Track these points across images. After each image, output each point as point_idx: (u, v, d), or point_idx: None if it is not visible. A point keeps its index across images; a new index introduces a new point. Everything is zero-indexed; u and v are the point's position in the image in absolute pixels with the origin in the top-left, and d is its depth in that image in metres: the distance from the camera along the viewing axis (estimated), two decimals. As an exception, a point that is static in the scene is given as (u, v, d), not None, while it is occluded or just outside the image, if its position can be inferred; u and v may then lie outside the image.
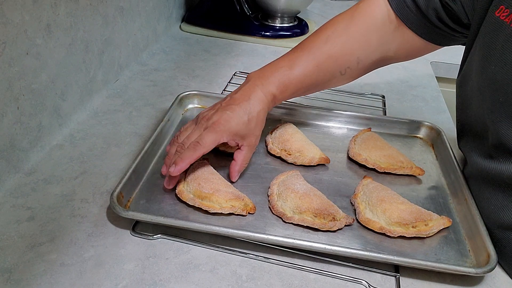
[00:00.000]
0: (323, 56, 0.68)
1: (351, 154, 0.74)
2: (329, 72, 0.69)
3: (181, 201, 0.62)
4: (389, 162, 0.71)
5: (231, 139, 0.64)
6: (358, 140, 0.76)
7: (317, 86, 0.72)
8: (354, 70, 0.70)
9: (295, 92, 0.70)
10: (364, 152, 0.73)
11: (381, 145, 0.74)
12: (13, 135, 0.64)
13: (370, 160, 0.72)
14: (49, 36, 0.69)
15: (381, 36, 0.68)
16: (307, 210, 0.60)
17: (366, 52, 0.69)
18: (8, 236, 0.57)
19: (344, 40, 0.68)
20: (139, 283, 0.52)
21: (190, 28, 1.23)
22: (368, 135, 0.77)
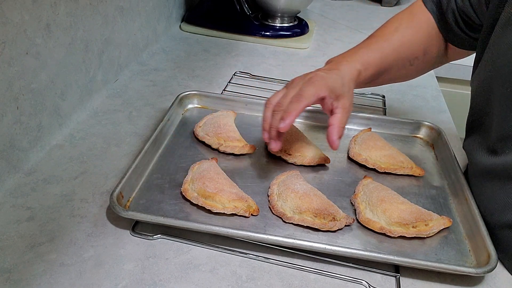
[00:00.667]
0: (395, 43, 0.71)
1: (351, 154, 0.74)
2: (401, 58, 0.72)
3: (185, 199, 0.62)
4: (389, 162, 0.71)
5: (328, 95, 0.61)
6: (358, 140, 0.76)
7: (391, 73, 0.73)
8: (421, 61, 0.73)
9: (375, 73, 0.70)
10: (364, 152, 0.73)
11: (381, 145, 0.74)
12: (13, 135, 0.64)
13: (370, 160, 0.72)
14: (48, 35, 0.69)
15: (437, 32, 0.72)
16: (307, 210, 0.60)
17: (430, 44, 0.72)
18: (8, 236, 0.56)
19: (411, 31, 0.71)
20: (139, 283, 0.52)
21: (190, 28, 1.23)
22: (369, 135, 0.77)
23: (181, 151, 0.73)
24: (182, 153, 0.73)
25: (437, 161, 0.76)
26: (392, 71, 0.73)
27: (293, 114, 0.59)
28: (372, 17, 1.47)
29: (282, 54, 1.14)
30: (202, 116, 0.80)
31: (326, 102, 0.63)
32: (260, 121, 0.83)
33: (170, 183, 0.66)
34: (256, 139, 0.77)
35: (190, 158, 0.71)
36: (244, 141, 0.73)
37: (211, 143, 0.74)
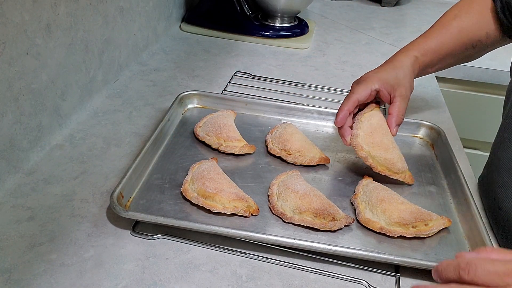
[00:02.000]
0: (455, 29, 0.74)
1: (353, 143, 0.68)
2: (462, 43, 0.74)
3: (185, 199, 0.62)
4: (387, 167, 0.68)
5: (382, 86, 0.69)
6: (364, 125, 0.69)
7: (453, 57, 0.76)
8: (484, 44, 0.75)
9: (434, 59, 0.74)
10: (367, 146, 0.67)
11: (387, 144, 0.68)
12: (13, 135, 0.64)
13: (369, 158, 0.67)
14: (49, 36, 0.69)
15: (497, 20, 0.73)
16: (307, 210, 0.60)
17: (492, 28, 0.73)
18: (8, 236, 0.57)
19: (471, 16, 0.74)
20: (139, 283, 0.52)
21: (190, 28, 1.23)
22: (377, 121, 0.69)
23: (181, 151, 0.73)
24: (182, 153, 0.73)
25: (437, 161, 0.76)
26: (455, 55, 0.76)
27: (342, 109, 0.68)
28: (372, 17, 1.47)
29: (282, 54, 1.14)
30: (202, 116, 0.80)
31: (382, 94, 0.70)
32: (260, 121, 0.83)
33: (170, 183, 0.66)
34: (256, 139, 0.77)
35: (190, 158, 0.71)
36: (244, 141, 0.73)
37: (211, 143, 0.74)
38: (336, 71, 1.08)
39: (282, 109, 0.84)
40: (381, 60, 0.78)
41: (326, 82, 1.01)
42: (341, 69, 1.09)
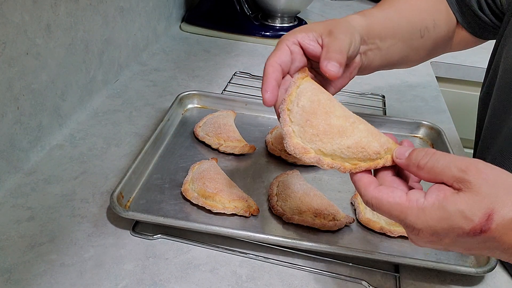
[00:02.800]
0: (399, 6, 0.63)
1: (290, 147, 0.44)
2: (408, 23, 0.62)
3: (186, 199, 0.62)
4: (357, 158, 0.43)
5: (304, 37, 0.48)
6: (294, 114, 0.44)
7: (401, 39, 0.61)
8: (431, 34, 0.64)
9: (381, 30, 0.58)
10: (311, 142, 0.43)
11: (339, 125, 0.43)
12: (13, 135, 0.64)
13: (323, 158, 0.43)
14: (49, 36, 0.69)
15: (445, 10, 0.66)
16: (307, 210, 0.60)
17: (439, 18, 0.65)
18: (8, 236, 0.57)
19: (415, 0, 0.65)
20: (139, 283, 0.52)
21: (190, 28, 1.23)
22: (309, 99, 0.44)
23: (181, 151, 0.73)
24: (182, 153, 0.73)
25: (437, 161, 0.76)
26: (402, 36, 0.61)
27: (266, 81, 0.45)
28: (372, 17, 1.47)
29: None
30: (202, 116, 0.80)
31: (307, 46, 0.48)
32: (260, 121, 0.83)
33: (170, 183, 0.66)
34: (256, 139, 0.77)
35: (190, 158, 0.71)
36: (244, 141, 0.73)
37: (211, 143, 0.74)
38: (336, 71, 1.07)
39: (282, 109, 0.84)
40: (381, 60, 0.78)
41: (326, 82, 1.01)
42: (341, 69, 1.09)
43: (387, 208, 0.38)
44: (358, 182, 0.41)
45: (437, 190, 0.36)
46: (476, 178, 0.35)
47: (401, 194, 0.37)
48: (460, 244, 0.37)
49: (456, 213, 0.35)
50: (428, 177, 0.38)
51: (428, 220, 0.36)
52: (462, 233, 0.35)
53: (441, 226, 0.36)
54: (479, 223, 0.34)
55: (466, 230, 0.35)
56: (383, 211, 0.38)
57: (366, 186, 0.40)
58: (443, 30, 0.66)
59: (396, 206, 0.37)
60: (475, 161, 0.36)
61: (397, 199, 0.37)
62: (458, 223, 0.35)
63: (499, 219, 0.34)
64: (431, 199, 0.36)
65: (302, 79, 0.46)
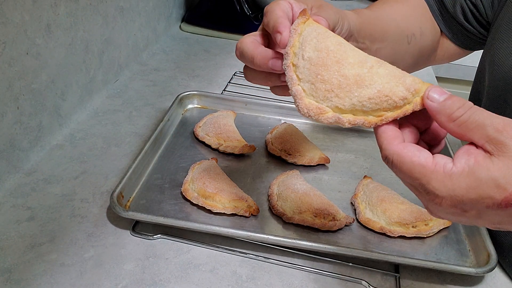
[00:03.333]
0: (388, 11, 0.60)
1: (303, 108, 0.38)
2: (396, 27, 0.59)
3: (186, 199, 0.62)
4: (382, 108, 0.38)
5: (296, 4, 0.44)
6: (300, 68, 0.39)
7: (389, 43, 0.58)
8: (418, 42, 0.62)
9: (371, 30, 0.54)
10: (325, 100, 0.37)
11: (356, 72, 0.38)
12: (13, 135, 0.64)
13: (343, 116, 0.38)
14: (49, 36, 0.69)
15: (430, 19, 0.65)
16: (307, 210, 0.60)
17: (425, 26, 0.63)
18: (8, 236, 0.56)
19: (402, 6, 0.63)
20: (139, 283, 0.52)
21: (190, 28, 1.23)
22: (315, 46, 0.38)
23: (181, 151, 0.73)
24: (182, 153, 0.73)
25: (437, 161, 0.76)
26: (391, 40, 0.58)
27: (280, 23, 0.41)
28: (372, 17, 1.47)
29: (282, 54, 1.14)
30: (202, 116, 0.80)
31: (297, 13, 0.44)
32: (260, 121, 0.83)
33: (170, 183, 0.66)
34: (256, 139, 0.77)
35: (190, 158, 0.71)
36: (244, 141, 0.73)
37: (211, 143, 0.74)
38: (336, 71, 1.07)
39: (282, 109, 0.84)
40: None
41: (326, 82, 1.01)
42: (341, 69, 1.09)
43: (409, 167, 0.33)
44: (382, 134, 0.36)
45: (466, 154, 0.33)
46: (510, 145, 0.31)
47: (428, 156, 0.33)
48: (487, 217, 0.33)
49: (488, 181, 0.31)
50: (458, 131, 0.34)
51: (456, 188, 0.32)
52: (492, 204, 0.31)
53: (468, 196, 0.32)
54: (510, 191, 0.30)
55: (498, 201, 0.31)
56: (403, 171, 0.34)
57: (390, 140, 0.35)
58: (429, 39, 0.64)
59: (419, 167, 0.33)
60: None
61: (423, 160, 0.33)
62: (489, 193, 0.31)
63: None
64: (460, 164, 0.32)
65: (303, 23, 0.39)
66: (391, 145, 0.35)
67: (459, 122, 0.33)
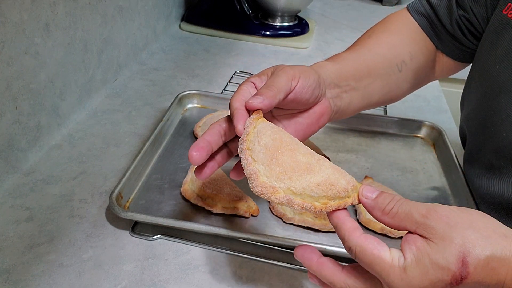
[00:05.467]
0: (372, 45, 0.61)
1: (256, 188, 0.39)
2: (384, 59, 0.60)
3: (185, 200, 0.62)
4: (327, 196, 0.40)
5: (258, 80, 0.47)
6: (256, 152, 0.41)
7: (378, 77, 0.58)
8: (409, 68, 0.62)
9: (354, 71, 0.55)
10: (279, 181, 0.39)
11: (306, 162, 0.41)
12: (11, 135, 0.64)
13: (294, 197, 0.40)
14: (47, 35, 0.69)
15: (422, 40, 0.65)
16: (308, 210, 0.60)
17: (416, 49, 0.63)
18: (6, 236, 0.56)
19: (388, 35, 0.63)
20: (138, 284, 0.52)
21: (190, 27, 1.23)
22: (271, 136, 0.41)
23: (180, 151, 0.73)
24: (182, 153, 0.72)
25: (438, 161, 0.76)
26: (379, 74, 0.59)
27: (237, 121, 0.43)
28: (372, 17, 1.47)
29: (283, 54, 1.14)
30: (202, 116, 0.80)
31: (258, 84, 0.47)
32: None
33: (169, 184, 0.66)
34: (256, 139, 0.77)
35: (190, 158, 0.71)
36: (244, 141, 0.73)
37: None
38: (337, 70, 1.07)
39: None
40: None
41: (327, 81, 1.01)
42: (342, 68, 1.08)
43: (370, 260, 0.35)
44: (342, 226, 0.39)
45: (408, 243, 0.35)
46: (438, 222, 0.34)
47: (386, 249, 0.36)
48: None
49: (433, 266, 0.33)
50: (392, 222, 0.37)
51: (411, 280, 0.34)
52: (444, 285, 0.33)
53: (423, 284, 0.34)
54: (457, 270, 0.33)
55: (448, 281, 0.33)
56: (364, 261, 0.36)
57: (351, 232, 0.38)
58: (422, 60, 0.64)
59: (379, 260, 0.35)
60: (434, 205, 0.36)
61: (382, 253, 0.35)
62: (438, 276, 0.33)
63: (474, 261, 0.32)
64: (408, 256, 0.34)
65: (257, 119, 0.43)
66: (353, 237, 0.37)
67: (391, 215, 0.37)
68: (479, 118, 0.60)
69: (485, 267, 0.33)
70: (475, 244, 0.33)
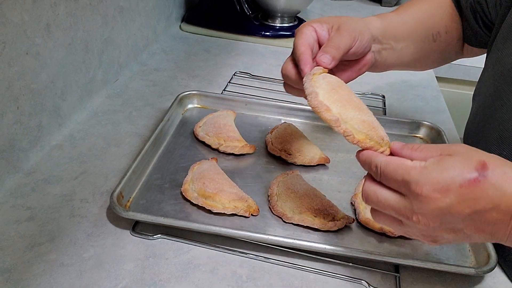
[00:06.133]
0: (415, 12, 0.67)
1: (313, 103, 0.47)
2: (422, 27, 0.66)
3: (185, 199, 0.62)
4: (367, 135, 0.46)
5: (318, 26, 0.56)
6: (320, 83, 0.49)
7: (413, 43, 0.66)
8: (443, 39, 0.68)
9: (396, 32, 0.63)
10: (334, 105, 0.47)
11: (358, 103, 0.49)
12: (13, 135, 0.64)
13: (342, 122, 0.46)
14: (48, 36, 0.69)
15: (456, 16, 0.69)
16: (307, 210, 0.60)
17: (451, 24, 0.68)
18: (7, 236, 0.56)
19: (428, 6, 0.69)
20: (139, 283, 0.52)
21: (190, 28, 1.23)
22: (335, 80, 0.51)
23: (181, 151, 0.73)
24: (182, 153, 0.73)
25: (437, 161, 0.76)
26: (415, 40, 0.66)
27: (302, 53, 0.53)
28: (372, 17, 1.47)
29: (282, 54, 1.14)
30: (202, 116, 0.80)
31: (320, 34, 0.56)
32: (260, 121, 0.83)
33: (170, 183, 0.66)
34: (256, 139, 0.77)
35: (190, 158, 0.71)
36: (244, 141, 0.73)
37: (211, 143, 0.74)
38: (336, 71, 1.08)
39: (282, 109, 0.84)
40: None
41: (326, 82, 1.01)
42: (341, 69, 1.09)
43: (393, 167, 0.41)
44: (371, 157, 0.45)
45: (430, 152, 0.41)
46: (460, 147, 0.40)
47: (408, 159, 0.42)
48: (465, 203, 0.37)
49: (454, 164, 0.38)
50: (419, 155, 0.42)
51: (431, 173, 0.38)
52: (463, 181, 0.37)
53: (443, 177, 0.38)
54: (476, 168, 0.37)
55: (467, 177, 0.37)
56: (388, 171, 0.41)
57: (379, 155, 0.44)
58: (455, 36, 0.69)
59: (402, 165, 0.40)
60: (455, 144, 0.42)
61: (404, 160, 0.41)
62: (458, 171, 0.37)
63: (493, 168, 0.37)
64: (430, 159, 0.40)
65: (323, 70, 0.51)
66: (379, 157, 0.44)
67: (419, 149, 0.42)
68: (490, 107, 0.62)
69: (501, 176, 0.37)
70: (495, 158, 0.38)
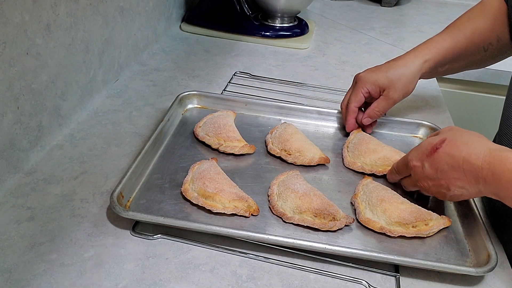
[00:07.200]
0: (468, 30, 0.76)
1: (346, 163, 0.73)
2: (475, 45, 0.76)
3: (186, 199, 0.62)
4: (385, 164, 0.70)
5: (371, 88, 0.76)
6: (350, 146, 0.75)
7: (464, 59, 0.77)
8: (495, 47, 0.76)
9: (446, 57, 0.76)
10: (358, 159, 0.72)
11: (373, 147, 0.73)
12: (13, 135, 0.64)
13: (366, 166, 0.71)
14: (49, 36, 0.69)
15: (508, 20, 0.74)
16: (307, 210, 0.60)
17: (503, 31, 0.74)
18: (8, 236, 0.57)
19: (483, 19, 0.76)
20: (139, 283, 0.52)
21: (190, 28, 1.23)
22: (359, 138, 0.76)
23: (181, 151, 0.73)
24: (182, 153, 0.73)
25: (437, 161, 0.76)
26: (466, 56, 0.77)
27: (347, 117, 0.79)
28: (372, 17, 1.47)
29: (282, 54, 1.15)
30: (202, 116, 0.80)
31: (373, 93, 0.76)
32: (260, 121, 0.83)
33: (170, 183, 0.66)
34: (256, 139, 0.77)
35: (190, 158, 0.71)
36: (244, 141, 0.73)
37: (211, 143, 0.74)
38: (336, 71, 1.08)
39: (282, 109, 0.84)
40: (381, 60, 0.78)
41: (326, 82, 1.01)
42: (341, 69, 1.09)
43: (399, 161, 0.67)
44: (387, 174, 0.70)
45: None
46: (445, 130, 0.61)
47: None
48: (432, 166, 0.58)
49: (427, 141, 0.60)
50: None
51: (415, 151, 0.62)
52: (427, 152, 0.58)
53: (418, 152, 0.61)
54: (436, 143, 0.57)
55: (429, 149, 0.58)
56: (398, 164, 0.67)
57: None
58: (507, 40, 0.75)
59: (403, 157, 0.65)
60: None
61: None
62: (425, 146, 0.59)
63: (448, 141, 0.56)
64: None
65: (356, 132, 0.79)
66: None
67: None
68: None
69: (453, 145, 0.56)
70: (458, 132, 0.58)
